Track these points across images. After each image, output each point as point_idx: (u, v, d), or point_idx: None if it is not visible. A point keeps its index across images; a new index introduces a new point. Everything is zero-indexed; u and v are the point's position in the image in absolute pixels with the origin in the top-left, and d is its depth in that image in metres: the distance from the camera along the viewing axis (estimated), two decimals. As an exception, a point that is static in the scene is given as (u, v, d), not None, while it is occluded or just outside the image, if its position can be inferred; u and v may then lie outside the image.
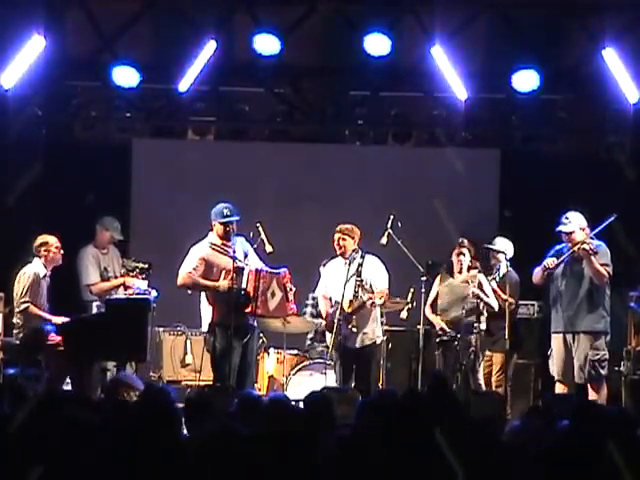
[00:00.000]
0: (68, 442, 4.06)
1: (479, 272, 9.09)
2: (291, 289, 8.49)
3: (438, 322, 9.02)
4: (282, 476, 3.95)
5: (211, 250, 8.42)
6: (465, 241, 9.13)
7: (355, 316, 8.64)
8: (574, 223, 8.54)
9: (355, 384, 8.58)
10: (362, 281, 8.65)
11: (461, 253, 9.08)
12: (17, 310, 8.93)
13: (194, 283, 8.42)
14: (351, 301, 8.62)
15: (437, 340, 9.02)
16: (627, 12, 10.06)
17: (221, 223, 8.40)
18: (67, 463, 3.98)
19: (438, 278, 9.22)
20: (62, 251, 9.08)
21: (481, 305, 8.96)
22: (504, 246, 9.35)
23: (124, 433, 4.24)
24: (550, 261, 8.58)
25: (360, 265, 8.69)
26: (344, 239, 8.75)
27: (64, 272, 9.35)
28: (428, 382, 7.26)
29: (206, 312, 8.52)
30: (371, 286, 8.69)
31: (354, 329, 8.63)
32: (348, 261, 8.70)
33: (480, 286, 9.01)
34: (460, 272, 9.09)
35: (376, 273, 8.75)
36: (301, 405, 5.70)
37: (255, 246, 8.83)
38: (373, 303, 8.56)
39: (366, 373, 8.73)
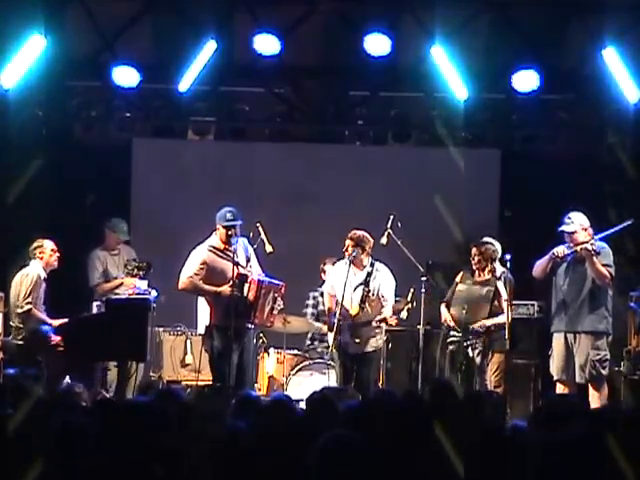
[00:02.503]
0: (64, 445, 4.07)
1: (498, 279, 8.94)
2: (279, 305, 8.53)
3: (446, 317, 8.91)
4: (282, 476, 3.95)
5: (212, 254, 8.43)
6: (483, 247, 8.95)
7: (359, 329, 8.65)
8: (576, 223, 8.52)
9: (354, 385, 8.58)
10: (369, 292, 8.66)
11: (477, 258, 8.90)
12: (19, 311, 8.92)
13: (195, 288, 8.43)
14: (357, 313, 8.63)
15: (447, 340, 8.93)
16: (627, 12, 10.06)
17: (223, 226, 8.41)
18: (65, 465, 3.98)
19: (459, 276, 9.06)
20: (57, 254, 9.10)
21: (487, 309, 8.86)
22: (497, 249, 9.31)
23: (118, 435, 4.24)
24: (560, 250, 8.52)
25: (369, 274, 8.69)
26: (353, 247, 8.71)
27: (63, 273, 9.36)
28: (430, 386, 7.25)
29: (203, 314, 8.52)
30: (378, 295, 8.69)
31: (357, 340, 8.64)
32: (348, 261, 8.69)
33: (496, 293, 8.82)
34: (480, 275, 8.97)
35: (384, 283, 8.75)
36: (302, 405, 5.70)
37: (255, 246, 8.84)
38: (378, 323, 8.66)
39: (366, 376, 8.76)
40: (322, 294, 9.42)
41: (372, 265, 8.73)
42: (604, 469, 3.89)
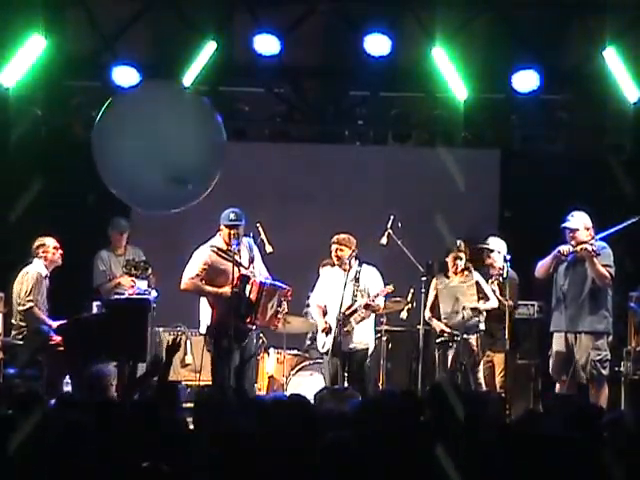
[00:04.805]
0: (66, 443, 4.07)
1: (474, 270, 9.09)
2: (284, 309, 8.54)
3: (438, 325, 9.02)
4: (282, 475, 3.95)
5: (214, 255, 8.43)
6: (462, 245, 9.13)
7: (351, 319, 8.67)
8: (579, 221, 8.53)
9: (349, 386, 8.58)
10: (359, 286, 8.71)
11: (458, 257, 9.08)
12: (20, 309, 8.92)
13: (197, 289, 8.43)
14: (350, 305, 8.68)
15: (437, 341, 9.02)
16: (627, 12, 10.07)
17: (226, 226, 8.42)
18: (65, 464, 3.98)
19: (434, 281, 9.19)
20: (61, 251, 9.10)
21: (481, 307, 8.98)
22: (498, 245, 9.35)
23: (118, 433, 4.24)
24: (566, 248, 8.52)
25: (358, 272, 8.76)
26: (341, 250, 8.82)
27: (64, 273, 9.35)
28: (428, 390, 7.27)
29: (205, 314, 8.52)
30: (368, 293, 8.74)
31: (346, 329, 8.66)
32: (347, 273, 8.74)
33: (478, 286, 9.00)
34: (456, 273, 9.10)
35: (373, 281, 8.81)
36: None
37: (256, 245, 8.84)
38: (370, 306, 8.66)
39: (359, 376, 8.76)
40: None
41: (360, 265, 8.81)
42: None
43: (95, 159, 7.35)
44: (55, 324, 8.89)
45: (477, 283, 9.02)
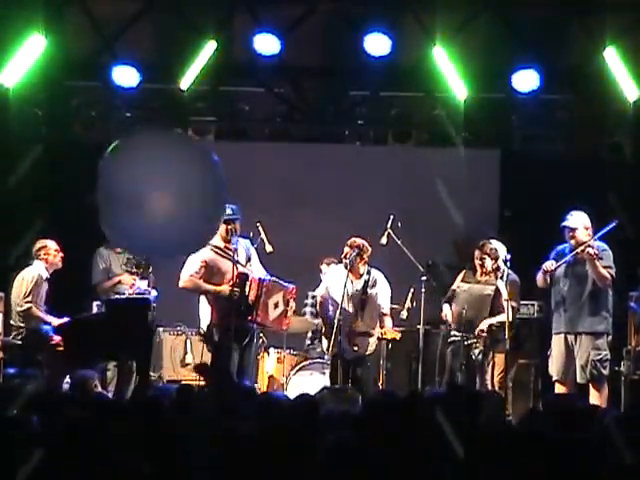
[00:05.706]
0: (68, 442, 4.07)
1: (500, 278, 8.97)
2: (292, 307, 8.55)
3: (446, 312, 8.94)
4: (282, 476, 3.95)
5: (213, 253, 8.42)
6: (485, 246, 8.98)
7: (357, 337, 8.67)
8: (579, 220, 8.54)
9: (351, 386, 8.58)
10: (367, 299, 8.68)
11: (481, 258, 8.95)
12: (19, 310, 8.94)
13: (195, 286, 8.42)
14: (356, 321, 8.64)
15: (448, 340, 8.97)
16: (627, 12, 10.07)
17: (223, 221, 8.40)
18: (67, 463, 3.98)
19: (461, 274, 9.08)
20: (61, 254, 9.11)
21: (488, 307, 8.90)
22: (498, 249, 9.32)
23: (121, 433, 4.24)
24: (549, 264, 8.55)
25: (366, 282, 8.71)
26: (351, 254, 8.74)
27: (63, 273, 9.35)
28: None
29: (205, 312, 8.52)
30: (376, 304, 8.71)
31: (355, 348, 8.66)
32: (347, 276, 8.68)
33: (497, 292, 8.85)
34: (482, 275, 8.99)
35: (381, 292, 8.79)
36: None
37: (255, 246, 8.84)
38: (383, 339, 8.71)
39: (362, 376, 8.76)
40: (314, 298, 9.44)
41: (369, 273, 8.76)
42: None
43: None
44: (56, 321, 8.89)
45: (498, 290, 8.87)
